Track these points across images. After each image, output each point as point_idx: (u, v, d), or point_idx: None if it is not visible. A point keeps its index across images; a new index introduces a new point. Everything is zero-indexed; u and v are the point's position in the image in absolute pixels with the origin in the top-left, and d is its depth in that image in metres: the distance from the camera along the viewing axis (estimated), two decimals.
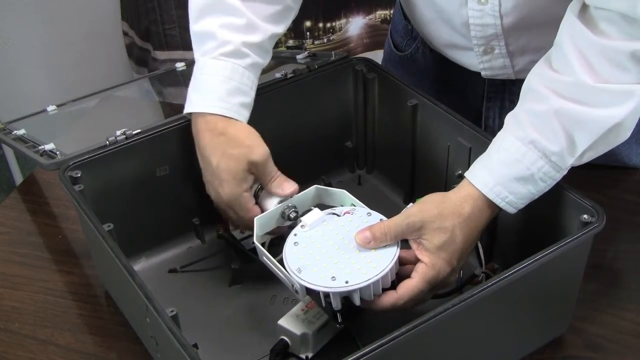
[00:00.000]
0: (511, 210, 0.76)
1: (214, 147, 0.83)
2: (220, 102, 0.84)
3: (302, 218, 0.81)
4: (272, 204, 0.84)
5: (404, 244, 0.77)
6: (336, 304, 0.74)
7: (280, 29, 0.91)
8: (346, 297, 0.75)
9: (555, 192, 0.77)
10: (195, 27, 0.88)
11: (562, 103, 0.73)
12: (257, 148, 0.83)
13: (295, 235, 0.79)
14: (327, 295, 0.74)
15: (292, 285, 0.76)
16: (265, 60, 0.90)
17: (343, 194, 0.84)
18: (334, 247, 0.77)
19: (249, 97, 0.87)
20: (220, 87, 0.85)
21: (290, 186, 0.84)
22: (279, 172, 0.85)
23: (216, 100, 0.84)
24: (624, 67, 0.72)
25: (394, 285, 0.75)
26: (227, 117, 0.84)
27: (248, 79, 0.87)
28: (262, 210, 0.84)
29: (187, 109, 0.87)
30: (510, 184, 0.75)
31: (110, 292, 0.91)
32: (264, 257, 0.79)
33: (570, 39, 0.74)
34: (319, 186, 0.86)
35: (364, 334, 0.81)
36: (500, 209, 0.77)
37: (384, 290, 0.75)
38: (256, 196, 0.85)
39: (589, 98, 0.73)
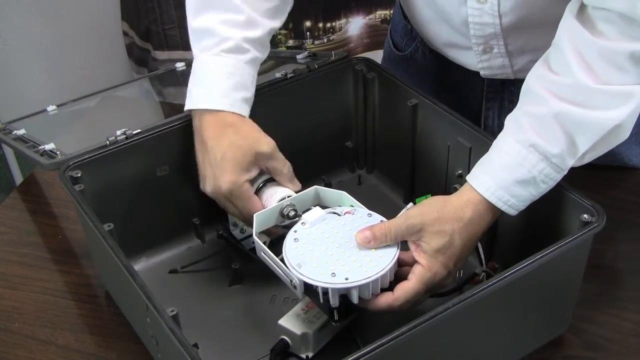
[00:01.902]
0: (512, 212, 0.77)
1: (220, 138, 0.83)
2: (223, 98, 0.85)
3: (302, 215, 0.81)
4: (272, 202, 0.84)
5: (403, 246, 0.77)
6: (334, 301, 0.74)
7: (278, 23, 0.92)
8: (344, 295, 0.75)
9: (555, 192, 0.77)
10: (194, 23, 0.88)
11: (562, 106, 0.73)
12: (264, 139, 0.85)
13: (295, 231, 0.79)
14: (325, 292, 0.74)
15: (291, 281, 0.76)
16: (264, 55, 0.91)
17: (343, 195, 0.84)
18: (335, 244, 0.77)
19: (250, 92, 0.88)
20: (222, 83, 0.85)
21: (297, 184, 0.87)
22: (288, 164, 0.86)
23: (219, 97, 0.85)
24: (622, 68, 0.72)
25: (391, 287, 0.76)
26: (231, 112, 0.85)
27: (249, 74, 0.88)
28: (262, 207, 0.84)
29: (189, 105, 0.87)
30: (512, 188, 0.75)
31: (111, 292, 0.91)
32: (262, 253, 0.79)
33: (568, 39, 0.74)
34: (318, 187, 0.86)
35: (364, 334, 0.81)
36: (501, 213, 0.77)
37: (382, 290, 0.75)
38: (257, 193, 0.85)
39: (588, 100, 0.73)
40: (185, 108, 0.87)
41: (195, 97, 0.86)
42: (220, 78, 0.86)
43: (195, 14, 0.88)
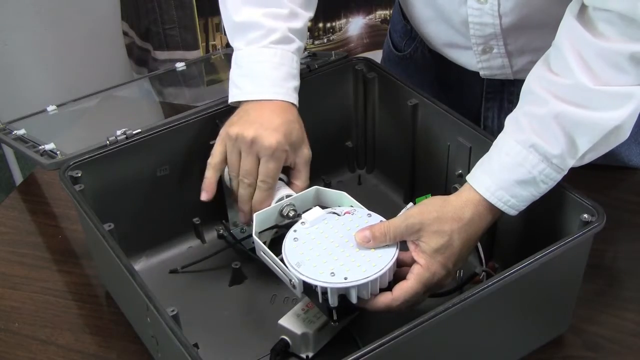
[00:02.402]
0: (513, 212, 0.77)
1: (285, 114, 0.85)
2: (275, 88, 0.86)
3: (302, 215, 0.81)
4: (273, 201, 0.84)
5: (402, 246, 0.77)
6: (333, 301, 0.74)
7: (312, 12, 0.95)
8: (343, 295, 0.75)
9: (555, 192, 0.77)
10: (237, 17, 0.89)
11: (562, 106, 0.73)
12: (309, 147, 0.88)
13: (295, 231, 0.79)
14: (324, 291, 0.74)
15: (290, 280, 0.76)
16: (304, 44, 0.93)
17: (343, 196, 0.84)
18: (334, 244, 0.77)
19: (298, 82, 0.90)
20: (272, 73, 0.87)
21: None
22: (308, 178, 0.88)
23: (270, 86, 0.86)
24: (623, 69, 0.72)
25: (390, 287, 0.76)
26: (285, 101, 0.86)
27: (296, 63, 0.90)
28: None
29: (239, 97, 0.88)
30: (512, 188, 0.75)
31: (111, 292, 0.91)
32: (262, 252, 0.79)
33: (569, 40, 0.74)
34: (319, 187, 0.86)
35: (364, 334, 0.81)
36: (501, 214, 0.77)
37: (381, 290, 0.75)
38: None
39: (588, 101, 0.73)
40: (234, 100, 0.88)
41: (246, 89, 0.87)
42: (270, 69, 0.87)
43: (237, 8, 0.90)
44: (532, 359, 0.81)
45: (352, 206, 0.83)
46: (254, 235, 0.80)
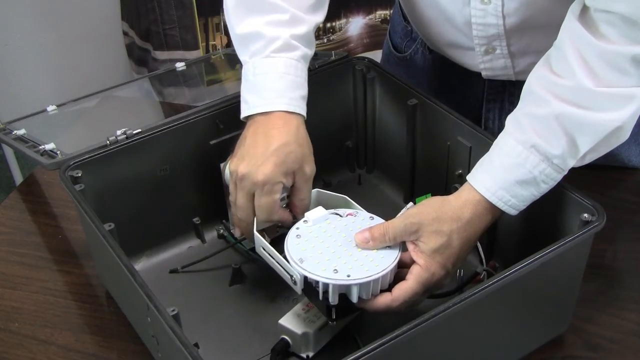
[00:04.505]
0: (513, 212, 0.77)
1: (285, 133, 0.81)
2: (280, 99, 0.83)
3: (305, 214, 0.81)
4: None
5: (404, 248, 0.77)
6: (334, 299, 0.74)
7: (320, 17, 0.91)
8: (343, 295, 0.75)
9: (555, 191, 0.77)
10: (239, 29, 0.87)
11: (563, 107, 0.73)
12: (312, 162, 0.84)
13: (297, 228, 0.79)
14: (325, 289, 0.74)
15: (291, 277, 0.76)
16: (312, 51, 0.90)
17: (344, 199, 0.84)
18: (337, 243, 0.77)
19: (305, 90, 0.86)
20: (277, 84, 0.84)
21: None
22: (310, 195, 0.85)
23: (276, 97, 0.83)
24: (624, 70, 0.72)
25: (389, 288, 0.76)
26: (291, 112, 0.83)
27: (302, 71, 0.86)
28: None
29: (246, 112, 0.85)
30: (512, 188, 0.75)
31: (111, 292, 0.91)
32: (262, 248, 0.79)
33: (570, 41, 0.74)
34: (320, 190, 0.86)
35: (364, 334, 0.81)
36: (501, 214, 0.77)
37: (381, 291, 0.75)
38: None
39: (590, 102, 0.73)
40: (242, 115, 0.85)
41: (252, 103, 0.84)
42: (274, 79, 0.84)
43: (238, 20, 0.87)
44: (532, 359, 0.81)
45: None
46: (254, 231, 0.80)
